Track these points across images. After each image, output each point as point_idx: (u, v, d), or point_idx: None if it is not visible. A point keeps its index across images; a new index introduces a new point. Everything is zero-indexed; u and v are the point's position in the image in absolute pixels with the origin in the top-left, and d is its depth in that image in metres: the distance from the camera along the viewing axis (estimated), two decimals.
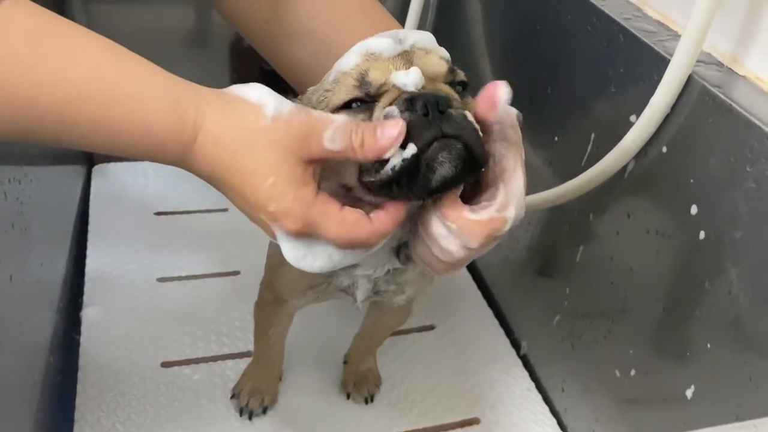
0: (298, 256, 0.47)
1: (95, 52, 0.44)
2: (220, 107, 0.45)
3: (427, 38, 0.52)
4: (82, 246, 1.05)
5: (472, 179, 0.49)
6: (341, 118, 0.46)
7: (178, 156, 0.45)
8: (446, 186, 0.47)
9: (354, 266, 0.59)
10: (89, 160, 1.21)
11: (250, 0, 0.66)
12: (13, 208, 0.77)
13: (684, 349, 0.66)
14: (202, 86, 0.46)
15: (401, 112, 0.46)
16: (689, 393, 0.65)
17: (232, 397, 0.84)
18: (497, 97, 0.48)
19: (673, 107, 0.65)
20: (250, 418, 0.82)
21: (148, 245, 1.05)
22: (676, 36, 0.71)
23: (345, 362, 0.89)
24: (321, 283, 0.65)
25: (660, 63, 0.67)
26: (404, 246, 0.56)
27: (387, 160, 0.45)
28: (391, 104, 0.47)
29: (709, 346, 0.63)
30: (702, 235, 0.63)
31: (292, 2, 0.65)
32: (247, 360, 0.88)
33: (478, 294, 1.05)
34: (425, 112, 0.45)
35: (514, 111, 0.51)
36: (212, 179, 0.46)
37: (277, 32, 0.66)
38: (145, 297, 0.97)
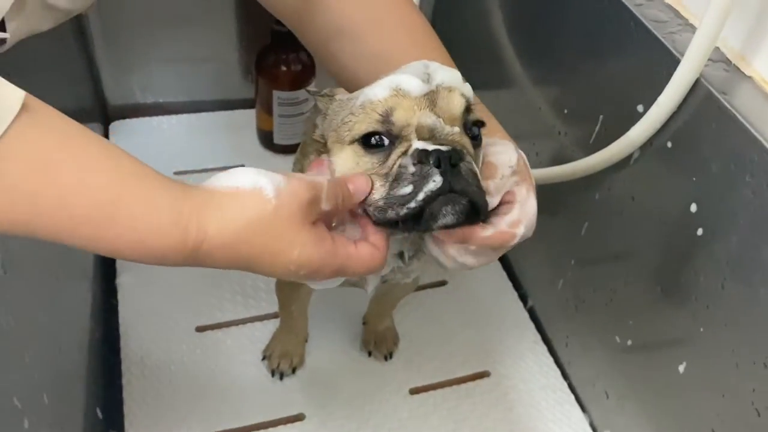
0: (325, 287, 0.54)
1: (98, 171, 0.42)
2: (218, 210, 0.45)
3: (454, 76, 0.54)
4: None
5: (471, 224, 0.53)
6: (324, 179, 0.50)
7: (181, 263, 0.45)
8: (445, 228, 0.52)
9: None
10: (105, 116, 1.24)
11: None
12: None
13: (679, 330, 0.72)
14: (198, 190, 0.45)
15: (414, 164, 0.50)
16: (681, 368, 0.72)
17: (264, 359, 0.92)
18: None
19: (680, 106, 0.67)
20: (281, 378, 0.90)
21: None
22: (687, 25, 0.71)
23: (364, 323, 0.96)
24: None
25: (669, 59, 0.68)
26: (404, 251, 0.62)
27: (394, 202, 0.50)
28: (405, 153, 0.51)
29: (701, 330, 0.69)
30: (700, 231, 0.67)
31: None
32: (273, 321, 0.95)
33: None
34: (437, 164, 0.49)
35: (515, 159, 0.55)
36: (232, 268, 0.48)
37: (309, 25, 0.65)
38: None
